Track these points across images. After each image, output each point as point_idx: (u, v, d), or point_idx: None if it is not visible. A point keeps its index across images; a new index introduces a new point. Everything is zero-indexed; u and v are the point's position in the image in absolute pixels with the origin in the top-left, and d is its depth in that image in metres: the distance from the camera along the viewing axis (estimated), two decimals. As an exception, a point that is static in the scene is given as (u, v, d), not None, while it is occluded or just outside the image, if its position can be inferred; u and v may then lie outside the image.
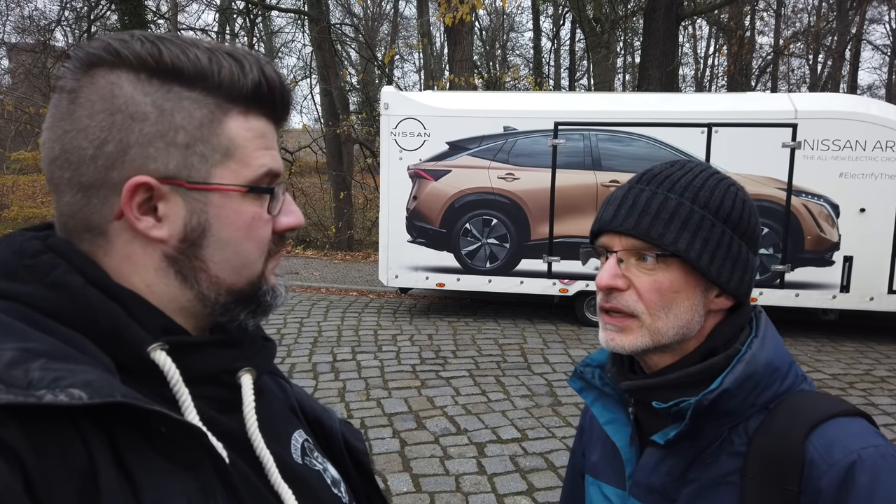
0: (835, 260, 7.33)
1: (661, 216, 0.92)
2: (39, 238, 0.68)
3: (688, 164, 0.98)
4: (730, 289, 0.94)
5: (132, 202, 0.65)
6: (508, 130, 7.77)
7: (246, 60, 0.70)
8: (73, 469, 0.55)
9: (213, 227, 0.69)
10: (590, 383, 1.08)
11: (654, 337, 0.94)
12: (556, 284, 7.91)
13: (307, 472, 0.78)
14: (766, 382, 0.92)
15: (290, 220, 0.76)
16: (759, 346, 0.93)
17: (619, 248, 0.95)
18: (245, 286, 0.73)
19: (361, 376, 5.96)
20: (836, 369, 6.49)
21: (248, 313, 0.75)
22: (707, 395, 0.89)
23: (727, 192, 0.95)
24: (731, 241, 0.93)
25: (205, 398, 0.68)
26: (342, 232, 15.13)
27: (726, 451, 0.92)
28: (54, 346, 0.59)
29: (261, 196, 0.71)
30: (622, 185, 1.00)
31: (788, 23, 22.85)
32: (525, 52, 27.52)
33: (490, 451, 4.43)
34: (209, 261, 0.70)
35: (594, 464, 1.11)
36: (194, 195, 0.68)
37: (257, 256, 0.73)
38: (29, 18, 19.24)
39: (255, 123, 0.71)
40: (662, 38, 11.90)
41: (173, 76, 0.65)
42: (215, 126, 0.68)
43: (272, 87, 0.71)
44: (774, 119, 7.26)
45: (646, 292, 0.93)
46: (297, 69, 25.38)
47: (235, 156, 0.69)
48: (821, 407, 0.89)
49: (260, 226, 0.72)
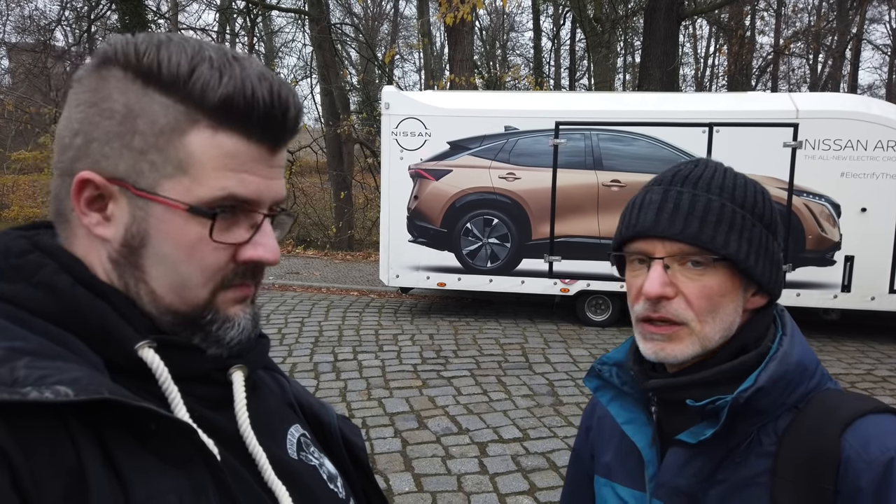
0: (836, 259, 7.33)
1: (709, 219, 0.90)
2: (27, 237, 0.68)
3: (711, 163, 0.96)
4: (769, 287, 0.94)
5: (80, 196, 0.66)
6: (509, 130, 7.77)
7: (230, 71, 0.64)
8: (60, 467, 0.54)
9: (152, 238, 0.66)
10: (608, 382, 1.05)
11: (703, 343, 0.92)
12: (557, 284, 7.91)
13: (302, 467, 0.77)
14: (796, 381, 0.91)
15: (255, 252, 0.68)
16: (790, 345, 0.93)
17: (664, 255, 0.91)
18: (187, 310, 0.68)
19: (363, 376, 5.96)
20: (838, 369, 6.49)
21: (200, 339, 0.69)
22: (742, 393, 0.87)
23: (755, 189, 0.94)
24: (768, 239, 0.93)
25: (196, 396, 0.68)
26: (343, 232, 15.13)
27: (755, 452, 0.90)
28: (41, 344, 0.59)
29: (207, 221, 0.65)
30: (651, 189, 0.96)
31: (789, 22, 22.85)
32: (525, 51, 27.54)
33: (492, 451, 4.43)
34: (148, 273, 0.66)
35: (606, 465, 1.09)
36: (139, 202, 0.65)
37: (199, 281, 0.67)
38: (29, 18, 19.25)
39: (225, 141, 0.65)
40: (663, 38, 11.89)
41: (150, 78, 0.64)
42: (176, 136, 0.64)
43: (252, 107, 0.64)
44: (775, 119, 7.26)
45: (696, 299, 0.91)
46: (298, 69, 25.37)
47: (190, 171, 0.65)
48: (852, 405, 0.88)
49: (207, 251, 0.66)
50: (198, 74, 0.63)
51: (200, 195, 0.65)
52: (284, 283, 10.28)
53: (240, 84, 0.64)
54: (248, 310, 0.72)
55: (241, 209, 0.67)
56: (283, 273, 11.22)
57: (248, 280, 0.70)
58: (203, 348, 0.69)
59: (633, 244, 0.96)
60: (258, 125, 0.66)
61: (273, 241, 0.70)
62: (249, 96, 0.64)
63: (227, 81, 0.63)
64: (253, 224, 0.69)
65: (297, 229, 16.09)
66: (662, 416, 0.99)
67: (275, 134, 0.68)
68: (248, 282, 0.71)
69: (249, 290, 0.72)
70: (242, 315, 0.71)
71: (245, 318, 0.71)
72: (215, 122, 0.64)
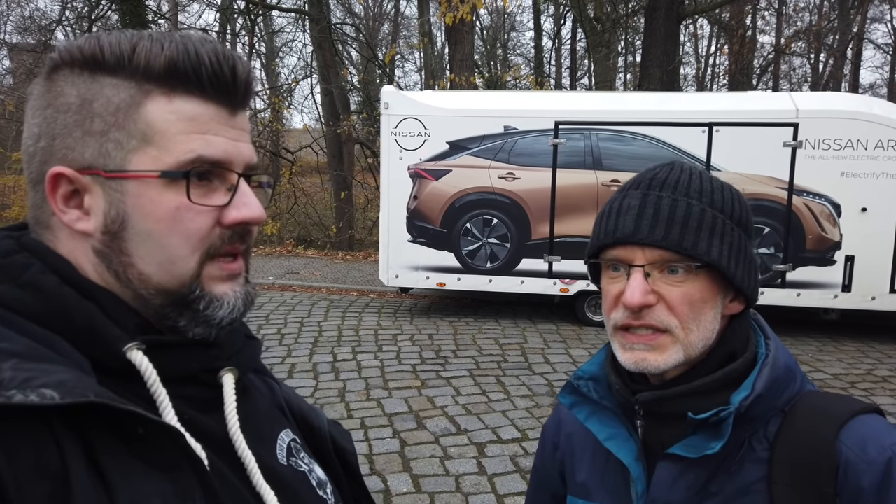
0: (836, 259, 7.31)
1: (690, 225, 0.87)
2: (13, 237, 0.68)
3: (686, 166, 0.94)
4: (748, 291, 0.92)
5: (55, 194, 0.66)
6: (509, 130, 7.76)
7: (171, 38, 0.65)
8: (44, 471, 0.54)
9: (132, 217, 0.65)
10: (585, 397, 1.01)
11: (687, 351, 0.89)
12: (556, 284, 7.90)
13: (291, 473, 0.77)
14: (785, 385, 0.90)
15: (239, 213, 0.68)
16: (776, 348, 0.92)
17: (644, 262, 0.88)
18: (176, 287, 0.67)
19: (362, 376, 5.95)
20: (838, 369, 6.48)
21: (187, 321, 0.68)
22: (744, 402, 0.86)
23: (731, 192, 0.93)
24: (745, 243, 0.92)
25: (185, 398, 0.67)
26: (343, 231, 15.12)
27: (749, 459, 0.89)
28: (28, 346, 0.58)
29: (182, 183, 0.65)
30: (628, 193, 0.93)
31: (790, 21, 22.82)
32: (526, 51, 27.52)
33: (490, 452, 4.42)
34: (134, 255, 0.66)
35: (582, 484, 1.04)
36: (112, 184, 0.65)
37: (187, 252, 0.66)
38: (30, 18, 19.25)
39: (183, 105, 0.65)
40: (663, 38, 11.88)
41: (96, 65, 0.65)
42: (133, 110, 0.65)
43: (199, 65, 0.65)
44: (776, 118, 7.25)
45: (678, 305, 0.88)
46: (298, 69, 25.38)
47: (154, 141, 0.65)
48: (840, 406, 0.88)
49: (189, 217, 0.66)
50: (140, 49, 0.64)
51: (168, 161, 0.65)
52: (284, 283, 10.28)
53: (182, 47, 0.65)
54: (238, 288, 0.70)
55: (215, 174, 0.67)
56: (282, 273, 11.22)
57: (237, 244, 0.69)
58: (191, 334, 0.68)
59: (611, 251, 0.92)
60: (210, 85, 0.66)
61: (254, 199, 0.69)
62: (194, 57, 0.65)
63: (169, 46, 0.65)
64: (230, 186, 0.68)
65: (298, 229, 16.09)
66: (647, 428, 0.96)
67: (229, 93, 0.68)
68: (238, 247, 0.70)
69: (238, 264, 0.71)
70: (232, 294, 0.70)
71: (235, 296, 0.70)
72: (168, 88, 0.65)
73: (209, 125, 0.67)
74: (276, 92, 18.71)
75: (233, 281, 0.70)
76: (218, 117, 0.67)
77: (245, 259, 0.73)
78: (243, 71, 0.69)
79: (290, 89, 20.74)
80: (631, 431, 0.97)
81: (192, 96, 0.66)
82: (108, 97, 0.65)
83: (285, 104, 19.03)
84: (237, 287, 0.71)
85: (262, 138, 16.38)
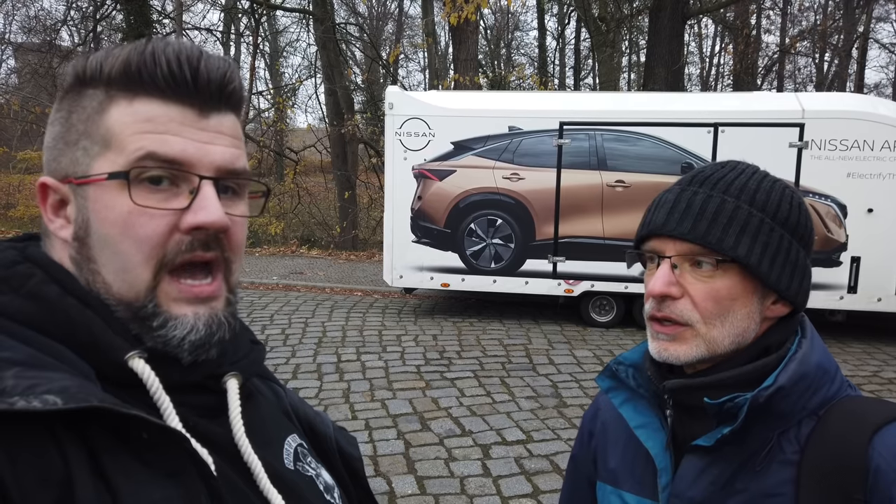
0: (842, 260, 7.28)
1: (719, 220, 0.88)
2: (17, 249, 0.69)
3: (739, 165, 0.94)
4: (788, 295, 0.91)
5: (46, 204, 0.68)
6: (513, 130, 7.75)
7: (138, 46, 0.65)
8: (48, 477, 0.53)
9: (93, 223, 0.65)
10: (623, 383, 1.02)
11: (710, 346, 0.90)
12: (561, 285, 7.89)
13: (298, 477, 0.76)
14: (816, 384, 0.88)
15: (195, 217, 0.64)
16: (810, 347, 0.91)
17: (673, 254, 0.90)
18: (133, 298, 0.64)
19: (366, 377, 5.95)
20: (844, 371, 6.40)
21: (151, 340, 0.65)
22: (762, 392, 0.85)
23: (783, 194, 0.91)
24: (790, 245, 0.90)
25: (189, 405, 0.67)
26: (347, 231, 15.13)
27: (777, 460, 0.87)
28: (31, 355, 0.58)
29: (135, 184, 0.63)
30: (671, 188, 0.95)
31: (795, 21, 22.74)
32: (530, 51, 27.50)
33: (495, 453, 4.42)
34: (97, 262, 0.65)
35: (613, 471, 1.05)
36: (80, 191, 0.66)
37: (140, 259, 0.64)
38: (35, 18, 19.31)
39: (142, 107, 0.64)
40: (668, 37, 11.85)
41: (83, 80, 0.67)
42: (98, 117, 0.65)
43: (154, 66, 0.64)
44: (781, 119, 7.22)
45: (701, 300, 0.89)
46: (302, 68, 25.41)
47: (112, 144, 0.64)
48: (877, 411, 0.86)
49: (141, 221, 0.63)
50: (111, 57, 0.65)
51: (121, 162, 0.64)
52: (288, 284, 10.29)
53: (140, 51, 0.65)
54: (200, 310, 0.67)
55: (180, 177, 0.65)
56: (286, 273, 11.23)
57: (199, 251, 0.66)
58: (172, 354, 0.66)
59: (648, 242, 0.95)
60: (167, 85, 0.65)
61: (214, 202, 0.65)
62: (150, 59, 0.64)
63: (129, 52, 0.65)
64: (192, 189, 0.66)
65: (302, 229, 16.11)
66: (678, 421, 0.96)
67: (191, 94, 0.66)
68: (199, 254, 0.66)
69: (207, 288, 0.67)
70: (192, 315, 0.66)
71: (196, 317, 0.66)
72: (129, 92, 0.65)
73: (168, 125, 0.65)
74: (280, 92, 18.73)
75: (196, 304, 0.67)
76: (181, 118, 0.66)
77: (224, 275, 0.69)
78: (213, 72, 0.67)
79: (294, 89, 20.78)
80: (663, 422, 0.98)
81: (151, 98, 0.65)
82: (84, 107, 0.66)
83: (289, 104, 19.05)
84: (201, 309, 0.67)
85: (266, 138, 16.41)
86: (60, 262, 0.67)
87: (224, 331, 0.68)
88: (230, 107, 0.70)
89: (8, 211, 17.77)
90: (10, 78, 22.80)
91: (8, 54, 22.66)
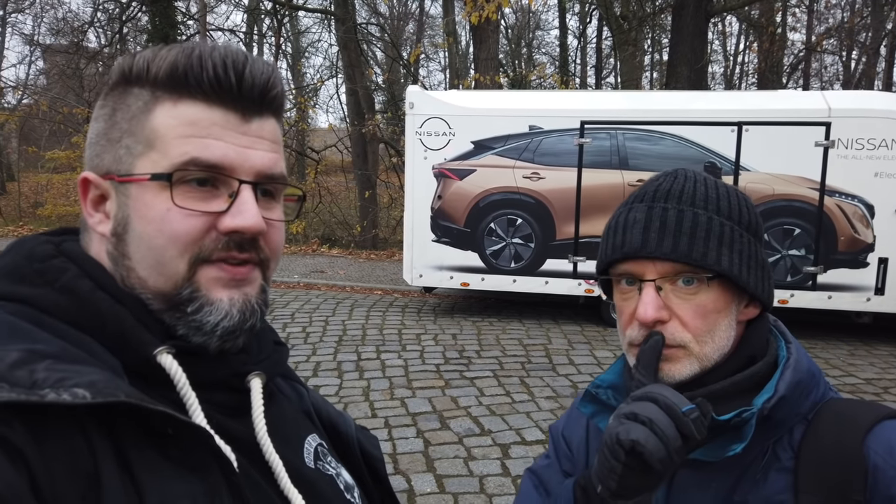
0: (869, 261, 7.15)
1: (698, 235, 0.86)
2: (53, 243, 0.70)
3: (689, 174, 0.93)
4: (762, 297, 0.91)
5: (86, 198, 0.70)
6: (534, 129, 7.72)
7: (186, 48, 0.67)
8: (77, 469, 0.55)
9: (132, 220, 0.67)
10: (605, 405, 0.99)
11: (702, 363, 0.89)
12: (581, 285, 7.84)
13: (319, 476, 0.77)
14: (808, 390, 0.89)
15: (233, 221, 0.67)
16: (797, 352, 0.90)
17: (655, 276, 0.88)
18: (170, 288, 0.67)
19: (386, 375, 5.97)
20: (870, 373, 6.33)
21: (183, 327, 0.67)
22: (766, 403, 0.84)
23: (738, 197, 0.92)
24: (755, 248, 0.91)
25: (214, 403, 0.68)
26: (367, 230, 15.19)
27: (774, 468, 0.87)
28: (62, 348, 0.59)
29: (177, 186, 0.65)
30: (632, 206, 0.92)
31: (821, 18, 22.36)
32: (551, 50, 27.37)
33: (514, 453, 4.41)
34: (132, 258, 0.67)
35: None
36: (122, 188, 0.68)
37: (174, 254, 0.66)
38: (63, 20, 19.66)
39: (186, 110, 0.66)
40: (691, 35, 11.72)
41: (129, 78, 0.68)
42: (143, 117, 0.67)
43: (200, 70, 0.65)
44: (807, 117, 7.11)
45: (691, 320, 0.87)
46: (324, 69, 25.55)
47: (156, 145, 0.66)
48: (866, 411, 0.86)
49: (176, 219, 0.65)
50: (158, 58, 0.66)
51: (165, 165, 0.66)
52: (309, 282, 10.36)
53: (187, 53, 0.66)
54: (236, 295, 0.68)
55: (219, 180, 0.67)
56: (307, 272, 11.31)
57: (234, 252, 0.68)
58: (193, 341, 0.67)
59: (620, 266, 0.91)
60: (212, 89, 0.66)
61: (252, 207, 0.67)
62: (196, 63, 0.66)
63: (176, 54, 0.66)
64: (231, 193, 0.68)
65: (323, 228, 16.21)
66: None
67: (235, 99, 0.68)
68: (234, 254, 0.68)
69: (244, 270, 0.69)
70: (227, 300, 0.68)
71: (231, 303, 0.68)
72: (174, 94, 0.66)
73: (211, 129, 0.67)
74: (302, 92, 18.86)
75: (234, 288, 0.69)
76: (224, 122, 0.67)
77: (262, 269, 0.71)
78: (258, 77, 0.68)
79: (315, 89, 20.91)
80: None
81: (195, 101, 0.67)
82: (128, 105, 0.68)
83: (311, 104, 19.18)
84: (236, 294, 0.69)
85: (288, 138, 16.53)
86: (98, 257, 0.69)
87: (256, 319, 0.70)
88: (272, 111, 0.72)
89: (37, 209, 18.11)
90: (38, 79, 23.23)
91: (37, 56, 23.09)
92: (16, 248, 0.69)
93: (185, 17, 16.32)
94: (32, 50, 22.90)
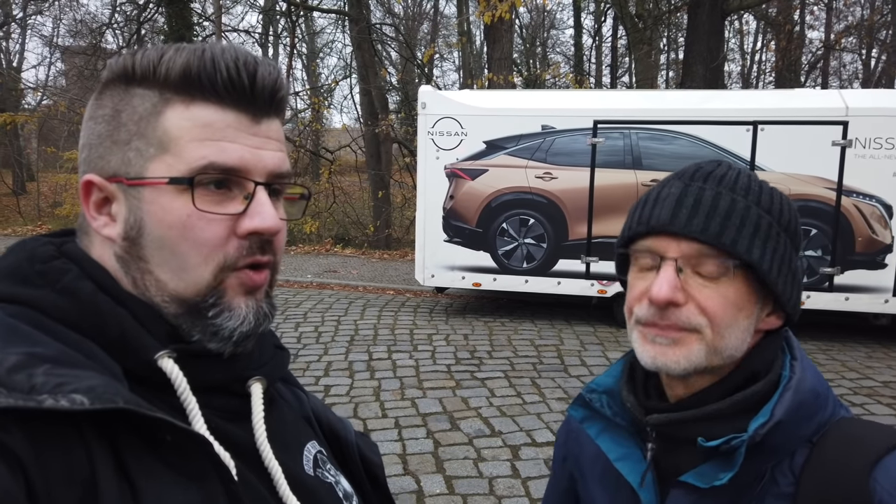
0: (887, 262, 7.05)
1: (732, 219, 0.80)
2: (54, 244, 0.70)
3: (734, 165, 0.87)
4: (788, 306, 0.84)
5: (88, 200, 0.68)
6: (546, 129, 7.69)
7: (195, 49, 0.66)
8: (74, 476, 0.54)
9: (147, 224, 0.66)
10: (597, 412, 0.94)
11: (710, 356, 0.81)
12: (594, 285, 7.80)
13: (317, 483, 0.77)
14: (812, 412, 0.81)
15: (252, 222, 0.67)
16: (802, 370, 0.83)
17: (678, 255, 0.81)
18: (192, 294, 0.67)
19: (396, 375, 5.97)
20: (888, 376, 6.24)
21: (200, 332, 0.67)
22: (759, 430, 0.78)
23: (782, 198, 0.85)
24: (790, 252, 0.83)
25: (214, 407, 0.68)
26: (380, 230, 15.22)
27: (771, 493, 0.80)
28: (61, 351, 0.59)
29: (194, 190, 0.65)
30: (668, 182, 0.86)
31: (840, 16, 22.06)
32: (566, 49, 27.27)
33: (524, 455, 4.39)
34: (150, 262, 0.67)
35: (593, 502, 0.98)
36: (132, 192, 0.67)
37: (199, 261, 0.66)
38: (81, 22, 19.90)
39: (199, 112, 0.66)
40: (707, 34, 11.61)
41: (130, 78, 0.67)
42: (153, 119, 0.66)
43: (214, 72, 0.65)
44: (824, 116, 7.02)
45: (710, 305, 0.80)
46: (338, 69, 25.65)
47: (170, 148, 0.65)
48: (876, 438, 0.78)
49: (200, 225, 0.65)
50: (165, 59, 0.65)
51: (180, 169, 0.65)
52: (322, 282, 10.40)
53: (199, 55, 0.65)
54: (251, 302, 0.69)
55: (234, 182, 0.67)
56: (321, 271, 11.35)
57: (258, 255, 0.68)
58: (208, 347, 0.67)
59: (643, 241, 0.84)
60: (226, 91, 0.66)
61: (269, 208, 0.68)
62: (209, 64, 0.65)
63: (187, 55, 0.65)
64: (247, 195, 0.68)
65: (336, 228, 16.27)
66: (661, 451, 0.88)
67: (248, 101, 0.68)
68: (258, 258, 0.68)
69: (261, 276, 0.70)
70: (245, 307, 0.68)
71: (248, 309, 0.68)
72: (186, 96, 0.66)
73: (225, 132, 0.66)
74: (317, 92, 18.94)
75: (250, 294, 0.70)
76: (237, 124, 0.67)
77: (271, 273, 0.72)
78: (267, 79, 0.68)
79: (329, 89, 20.99)
80: (644, 453, 0.91)
81: (208, 103, 0.66)
82: (134, 107, 0.67)
83: (325, 104, 19.26)
84: (251, 301, 0.69)
85: (303, 138, 16.61)
86: (100, 260, 0.68)
87: (267, 322, 0.71)
88: (278, 112, 0.72)
89: (55, 209, 18.35)
90: (57, 80, 23.54)
91: (56, 57, 23.40)
92: (17, 250, 0.68)
93: (200, 19, 16.45)
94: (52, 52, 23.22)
